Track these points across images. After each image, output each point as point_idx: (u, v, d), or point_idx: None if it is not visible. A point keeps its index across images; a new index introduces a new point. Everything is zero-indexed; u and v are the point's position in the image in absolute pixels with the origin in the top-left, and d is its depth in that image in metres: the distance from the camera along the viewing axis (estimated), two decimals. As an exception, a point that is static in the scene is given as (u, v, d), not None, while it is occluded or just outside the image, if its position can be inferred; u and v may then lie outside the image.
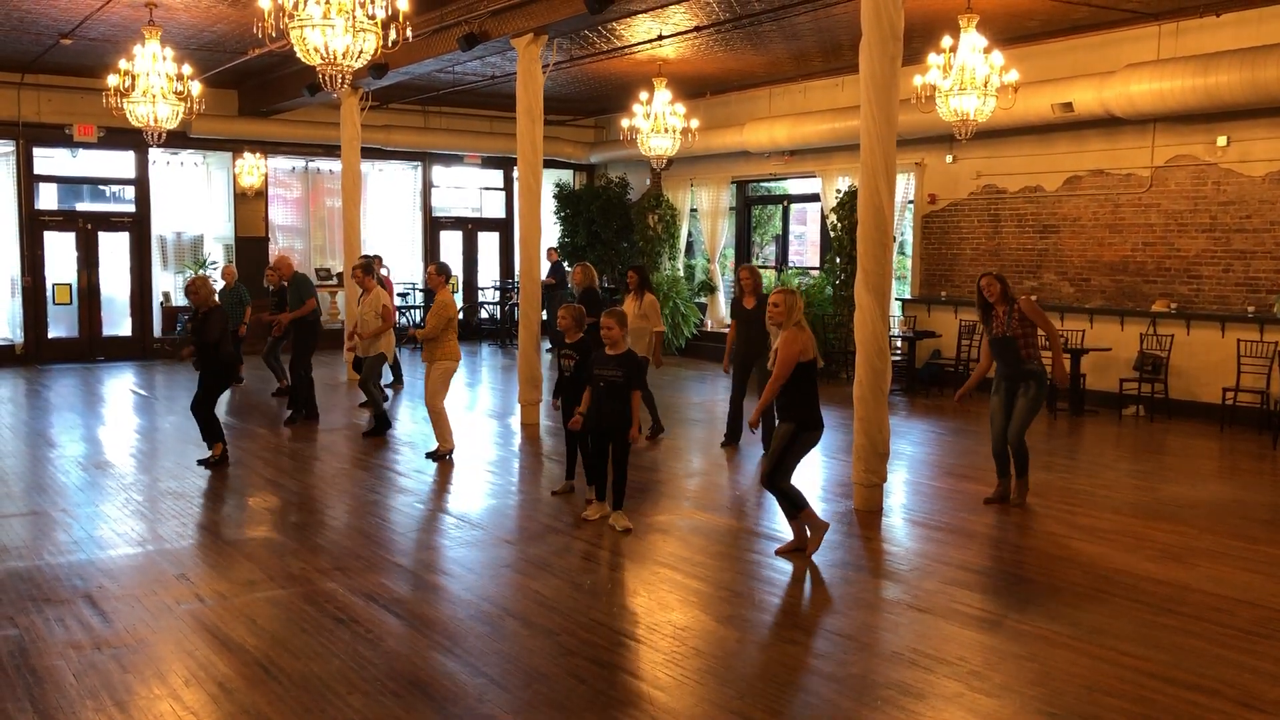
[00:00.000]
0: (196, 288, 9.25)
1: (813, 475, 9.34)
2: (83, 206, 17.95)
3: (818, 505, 8.32)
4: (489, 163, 20.88)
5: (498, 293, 20.99)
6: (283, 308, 12.07)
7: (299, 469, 9.52)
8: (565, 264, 19.39)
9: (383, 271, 14.94)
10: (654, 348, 10.49)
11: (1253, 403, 11.23)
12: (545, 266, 18.49)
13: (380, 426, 10.87)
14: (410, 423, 11.75)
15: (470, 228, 21.35)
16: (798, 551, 6.72)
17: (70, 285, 17.44)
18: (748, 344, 9.85)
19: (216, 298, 9.57)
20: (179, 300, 18.42)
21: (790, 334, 6.47)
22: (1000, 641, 5.33)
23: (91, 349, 17.55)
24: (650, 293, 10.69)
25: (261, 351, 13.87)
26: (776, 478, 6.60)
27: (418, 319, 19.67)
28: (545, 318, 17.68)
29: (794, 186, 18.11)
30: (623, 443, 7.23)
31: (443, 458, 9.55)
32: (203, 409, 9.24)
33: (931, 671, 4.98)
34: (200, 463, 9.30)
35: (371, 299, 10.94)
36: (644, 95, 14.13)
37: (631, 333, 9.71)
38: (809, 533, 6.74)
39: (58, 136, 16.93)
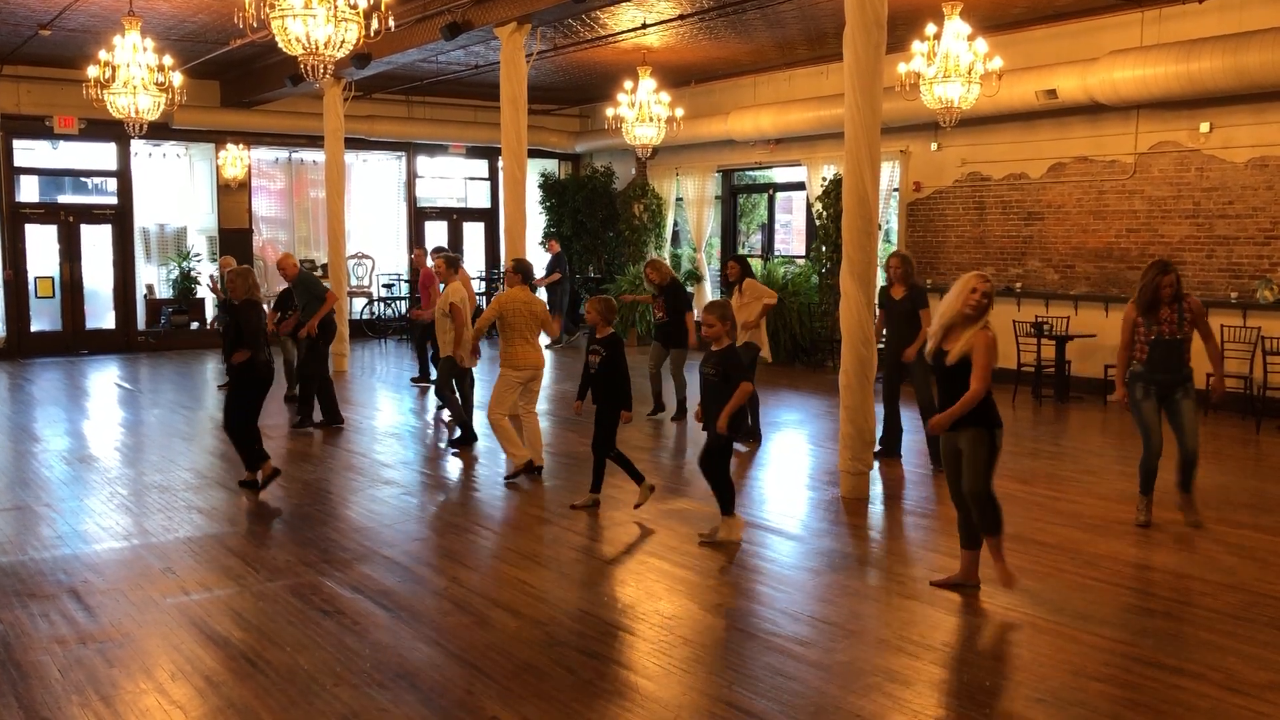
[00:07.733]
0: (233, 281, 8.15)
1: (800, 463, 9.36)
2: (64, 199, 17.81)
3: (805, 494, 8.36)
4: (474, 153, 20.81)
5: (484, 283, 20.94)
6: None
7: (284, 462, 9.46)
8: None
9: (429, 263, 13.23)
10: (761, 321, 9.82)
11: (1236, 388, 11.28)
12: (544, 259, 18.48)
13: (466, 436, 9.88)
14: (395, 414, 11.71)
15: (455, 218, 21.28)
16: (963, 587, 5.89)
17: (52, 278, 17.34)
18: (898, 340, 8.87)
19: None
20: (163, 293, 18.37)
21: (988, 335, 5.63)
22: (986, 627, 5.35)
23: (75, 342, 17.46)
24: (750, 277, 10.14)
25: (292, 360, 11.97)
26: (989, 488, 5.71)
27: (404, 309, 19.62)
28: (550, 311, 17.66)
29: (779, 175, 18.10)
30: (718, 447, 6.70)
31: (517, 477, 8.46)
32: (243, 429, 8.12)
33: (918, 658, 5.00)
34: (244, 485, 8.28)
35: (444, 295, 9.83)
36: (629, 84, 14.10)
37: (744, 328, 9.38)
38: (965, 567, 5.93)
39: (38, 128, 16.81)
